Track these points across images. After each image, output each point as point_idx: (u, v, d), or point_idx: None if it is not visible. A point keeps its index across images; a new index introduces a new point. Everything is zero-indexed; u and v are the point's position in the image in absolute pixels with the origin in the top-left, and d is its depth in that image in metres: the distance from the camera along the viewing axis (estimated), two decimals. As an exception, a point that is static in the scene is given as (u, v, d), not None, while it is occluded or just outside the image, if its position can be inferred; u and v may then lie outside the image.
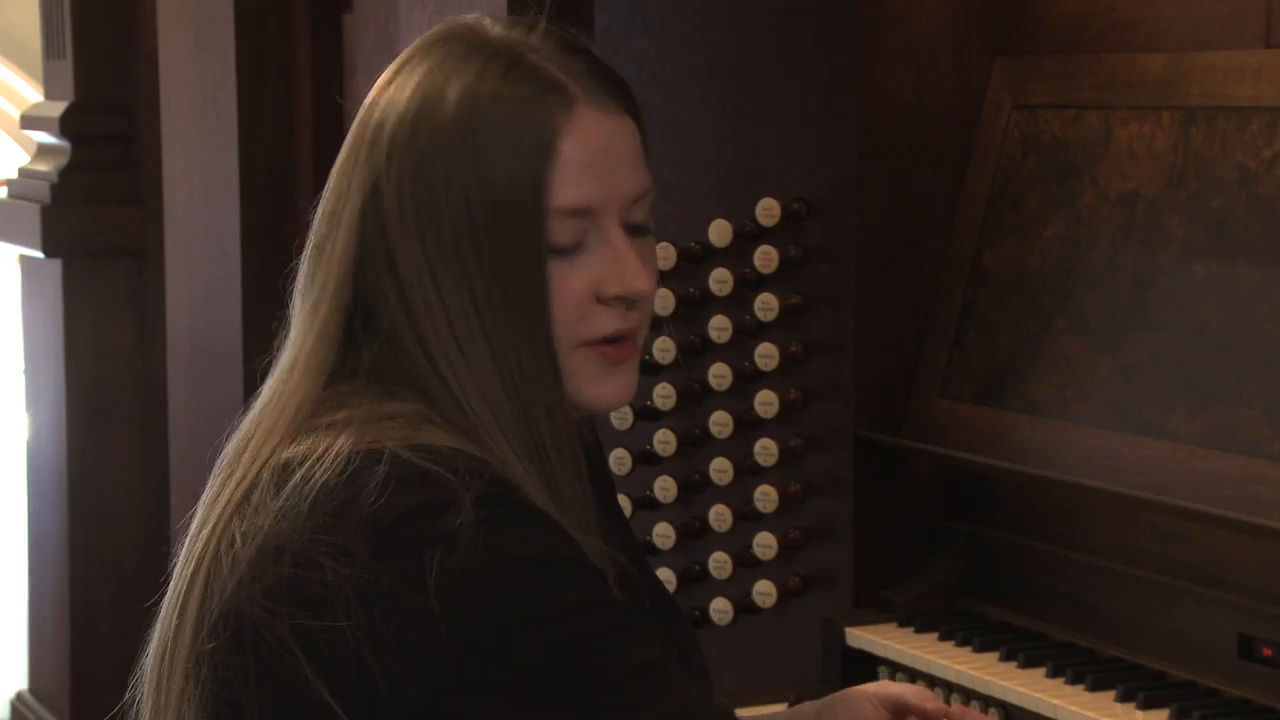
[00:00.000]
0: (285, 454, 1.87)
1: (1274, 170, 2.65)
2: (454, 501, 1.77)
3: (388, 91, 1.96)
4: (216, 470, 1.97)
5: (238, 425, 1.99)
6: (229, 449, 1.98)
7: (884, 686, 2.20)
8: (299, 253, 2.05)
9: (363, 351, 1.94)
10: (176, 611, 1.92)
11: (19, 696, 5.84)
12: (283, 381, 1.96)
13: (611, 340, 1.95)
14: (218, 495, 1.93)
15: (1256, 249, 2.64)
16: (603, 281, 1.92)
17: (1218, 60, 2.76)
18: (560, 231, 1.90)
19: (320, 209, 2.00)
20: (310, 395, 1.93)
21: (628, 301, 1.94)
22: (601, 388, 1.96)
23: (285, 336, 2.01)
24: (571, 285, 1.91)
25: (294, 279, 2.04)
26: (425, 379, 1.91)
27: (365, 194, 1.94)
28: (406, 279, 1.90)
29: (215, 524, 1.91)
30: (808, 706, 2.28)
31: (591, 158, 1.91)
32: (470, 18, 1.99)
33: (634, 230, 1.96)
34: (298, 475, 1.83)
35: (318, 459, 1.83)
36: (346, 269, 1.94)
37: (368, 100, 2.00)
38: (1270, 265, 2.62)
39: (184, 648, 1.90)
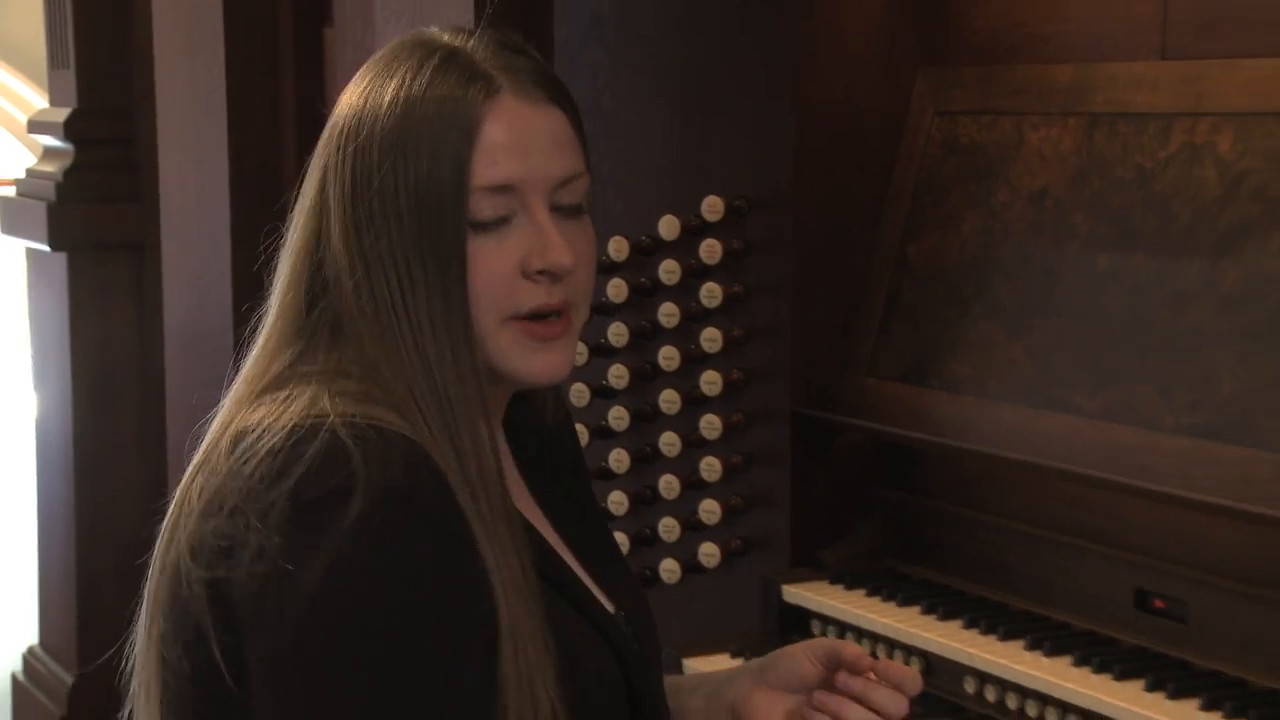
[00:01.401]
0: (244, 421, 1.87)
1: (1168, 170, 2.67)
2: (354, 489, 1.76)
3: (346, 95, 1.97)
4: (199, 441, 1.97)
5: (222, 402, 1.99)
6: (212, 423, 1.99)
7: (819, 641, 2.18)
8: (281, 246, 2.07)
9: (318, 329, 1.93)
10: (154, 565, 1.92)
11: (30, 650, 5.84)
12: (253, 358, 1.97)
13: (540, 317, 1.93)
14: (192, 462, 1.94)
15: (1152, 242, 2.67)
16: (527, 256, 1.90)
17: (1118, 71, 2.78)
18: (483, 208, 1.88)
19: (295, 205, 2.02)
20: (273, 368, 1.93)
21: (552, 276, 1.91)
22: (530, 363, 1.94)
23: (262, 319, 2.01)
24: (497, 260, 1.89)
25: (270, 272, 2.04)
26: (364, 356, 1.89)
27: (319, 185, 1.95)
28: (343, 259, 1.89)
29: (183, 486, 1.91)
30: (752, 663, 2.25)
31: (512, 140, 1.90)
32: (425, 29, 2.02)
33: (564, 212, 1.94)
34: (249, 439, 1.83)
35: (268, 426, 1.83)
36: (305, 254, 1.95)
37: (336, 105, 2.01)
38: (1165, 256, 2.64)
39: (151, 594, 1.92)
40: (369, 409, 1.84)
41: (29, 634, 6.00)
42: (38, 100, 10.55)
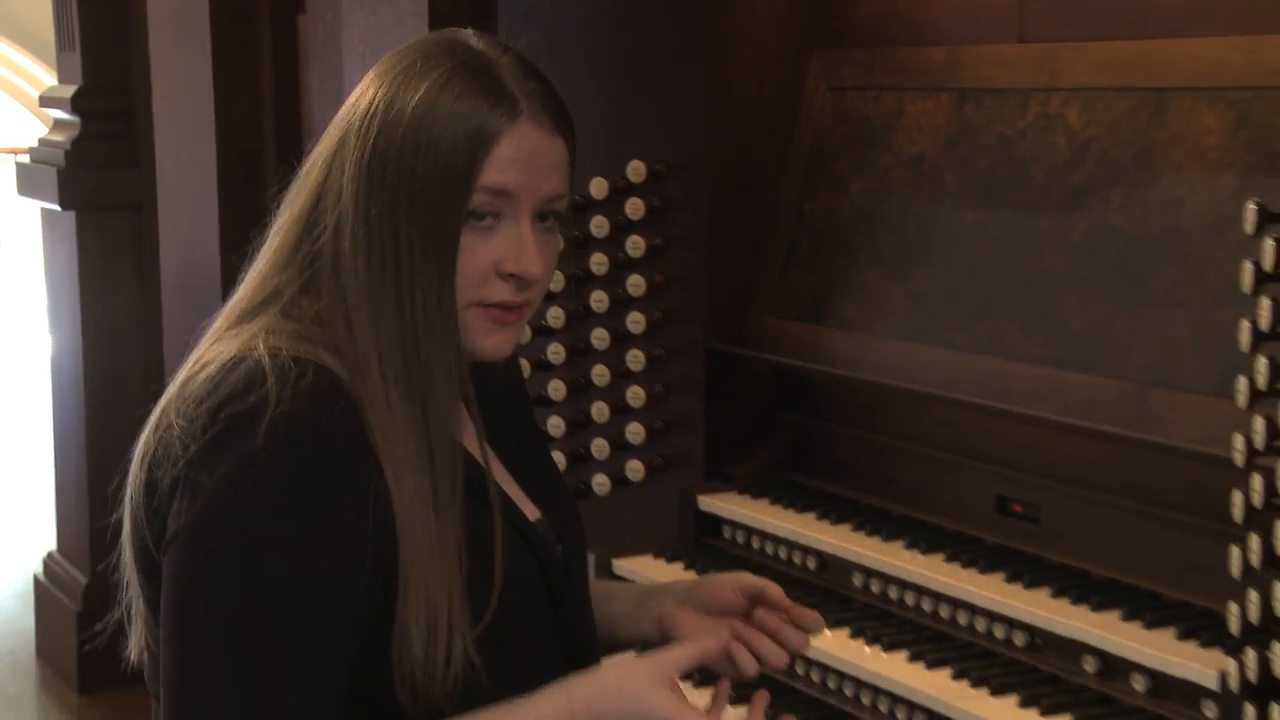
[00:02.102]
0: (203, 354, 1.88)
1: (1026, 138, 2.69)
2: (261, 415, 1.76)
3: (376, 77, 1.94)
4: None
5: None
6: None
7: (744, 576, 2.17)
8: (264, 205, 2.06)
9: (301, 269, 1.91)
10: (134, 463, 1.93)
11: (50, 555, 5.85)
12: (235, 299, 1.95)
13: (503, 307, 1.92)
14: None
15: (1012, 200, 2.69)
16: (504, 258, 1.89)
17: (983, 53, 2.79)
18: (480, 203, 1.87)
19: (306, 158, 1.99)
20: (244, 308, 1.92)
21: (520, 281, 1.91)
22: (485, 341, 1.93)
23: (248, 268, 1.99)
24: (479, 254, 1.88)
25: (259, 229, 2.01)
26: (328, 302, 1.88)
27: (335, 145, 1.92)
28: (345, 219, 1.88)
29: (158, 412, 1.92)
30: (680, 583, 2.25)
31: (521, 157, 1.88)
32: (460, 31, 2.01)
33: (544, 225, 1.93)
34: (198, 368, 1.85)
35: (216, 356, 1.84)
36: (306, 205, 1.93)
37: (360, 84, 1.98)
38: (1023, 212, 2.66)
39: (127, 504, 1.92)
40: (299, 345, 1.83)
41: (48, 541, 6.00)
42: (47, 78, 10.46)
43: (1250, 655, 2.02)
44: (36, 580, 5.88)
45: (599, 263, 3.13)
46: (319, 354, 1.84)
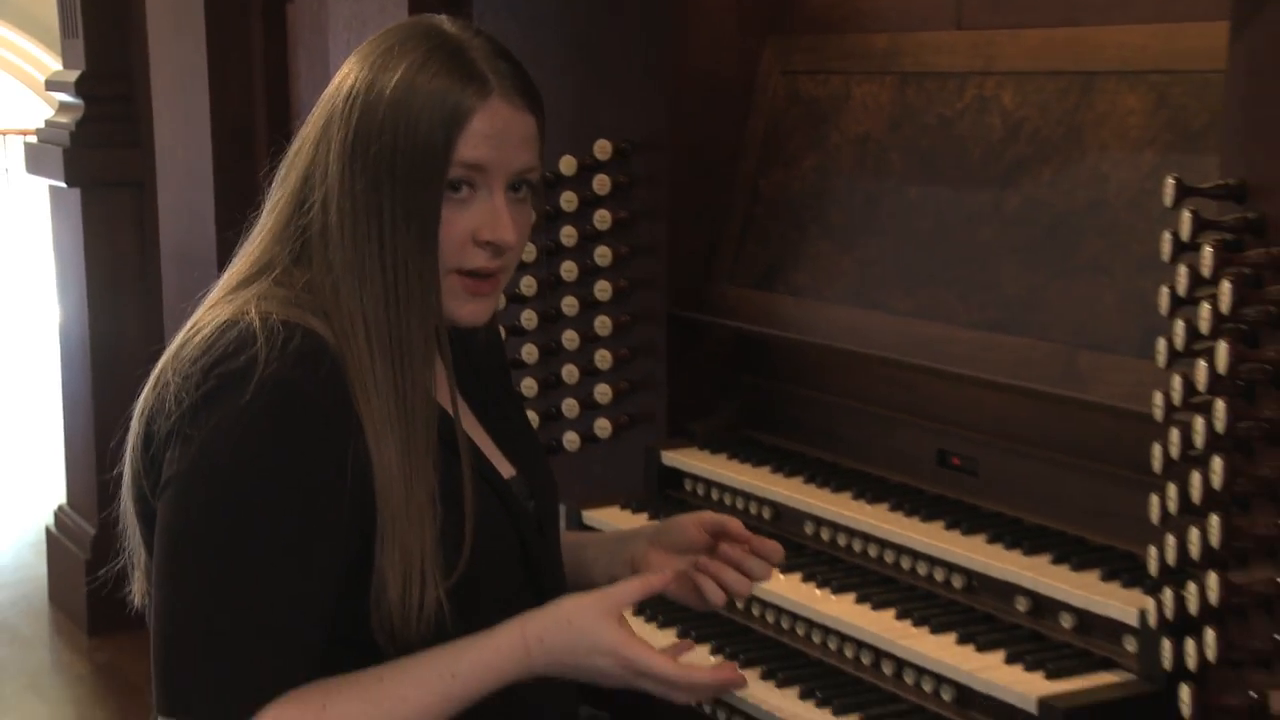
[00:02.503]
0: (203, 318, 1.89)
1: (964, 118, 2.69)
2: (250, 374, 1.78)
3: (359, 59, 1.95)
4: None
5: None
6: None
7: (706, 514, 2.20)
8: (257, 182, 2.05)
9: (291, 243, 1.93)
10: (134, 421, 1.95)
11: (60, 508, 5.85)
12: (231, 270, 1.97)
13: (479, 275, 1.95)
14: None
15: (951, 176, 2.69)
16: (480, 227, 1.92)
17: (924, 39, 2.80)
18: (456, 175, 1.89)
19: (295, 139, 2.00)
20: (243, 275, 1.94)
21: (495, 248, 1.93)
22: (462, 308, 1.95)
23: (243, 242, 2.01)
24: (456, 224, 1.91)
25: (253, 206, 2.03)
26: (319, 271, 1.89)
27: (321, 127, 1.93)
28: (331, 196, 1.89)
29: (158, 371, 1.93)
30: (647, 527, 2.29)
31: (493, 132, 1.90)
32: (434, 16, 2.00)
33: (516, 197, 1.96)
34: (194, 332, 1.86)
35: (211, 319, 1.86)
36: (296, 186, 1.94)
37: (342, 68, 1.98)
38: (961, 187, 2.67)
39: (129, 450, 1.94)
40: (289, 311, 1.84)
41: (58, 495, 5.99)
42: (52, 62, 10.39)
43: (1167, 594, 2.03)
44: (48, 531, 5.87)
45: (568, 235, 3.12)
46: (308, 319, 1.85)
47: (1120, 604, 2.19)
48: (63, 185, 5.44)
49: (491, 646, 1.89)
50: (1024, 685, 2.14)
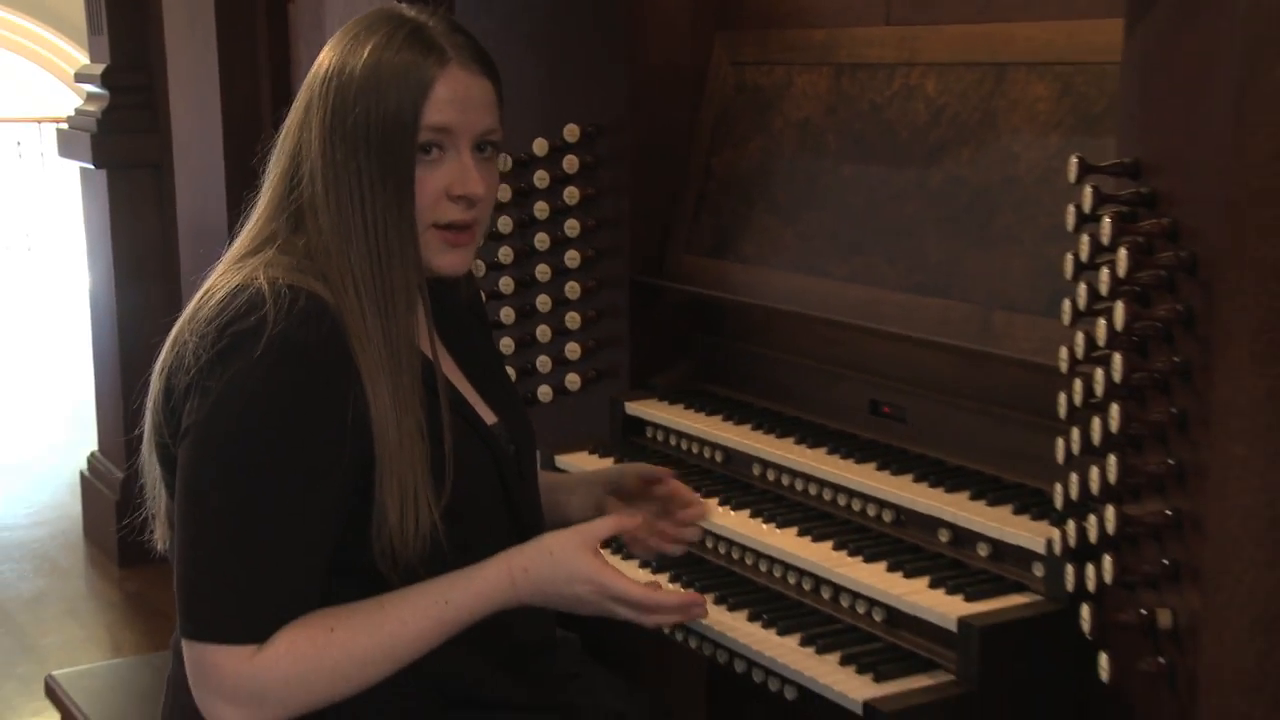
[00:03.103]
0: (215, 284, 1.89)
1: (892, 105, 2.69)
2: (261, 332, 1.78)
3: (332, 47, 1.96)
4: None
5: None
6: None
7: (644, 466, 2.28)
8: (259, 167, 2.05)
9: (289, 216, 1.93)
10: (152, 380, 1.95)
11: (93, 454, 5.82)
12: (242, 235, 1.97)
13: (455, 227, 1.95)
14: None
15: (881, 155, 2.69)
16: (451, 184, 1.93)
17: (857, 34, 2.79)
18: (426, 139, 1.90)
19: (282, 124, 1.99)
20: (248, 247, 1.94)
21: (468, 201, 1.94)
22: (442, 258, 1.96)
23: (251, 206, 2.00)
24: (430, 182, 1.92)
25: (253, 188, 2.03)
26: (314, 238, 1.89)
27: (303, 110, 1.94)
28: (316, 169, 1.89)
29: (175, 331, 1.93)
30: (605, 472, 2.34)
31: (454, 97, 1.91)
32: (394, 3, 2.01)
33: (482, 155, 1.97)
34: (207, 296, 1.87)
35: (224, 285, 1.86)
36: (286, 166, 1.94)
37: (319, 56, 1.98)
38: (890, 166, 2.66)
39: (149, 408, 1.94)
40: (294, 276, 1.85)
41: (90, 443, 5.97)
42: (79, 55, 10.30)
43: (1071, 525, 2.04)
44: (82, 475, 5.85)
45: (541, 209, 3.10)
46: (310, 283, 1.85)
47: (1030, 534, 2.20)
48: (91, 167, 5.40)
49: (481, 577, 1.91)
50: (946, 607, 2.15)
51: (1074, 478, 2.02)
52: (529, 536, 2.01)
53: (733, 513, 2.57)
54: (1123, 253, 1.88)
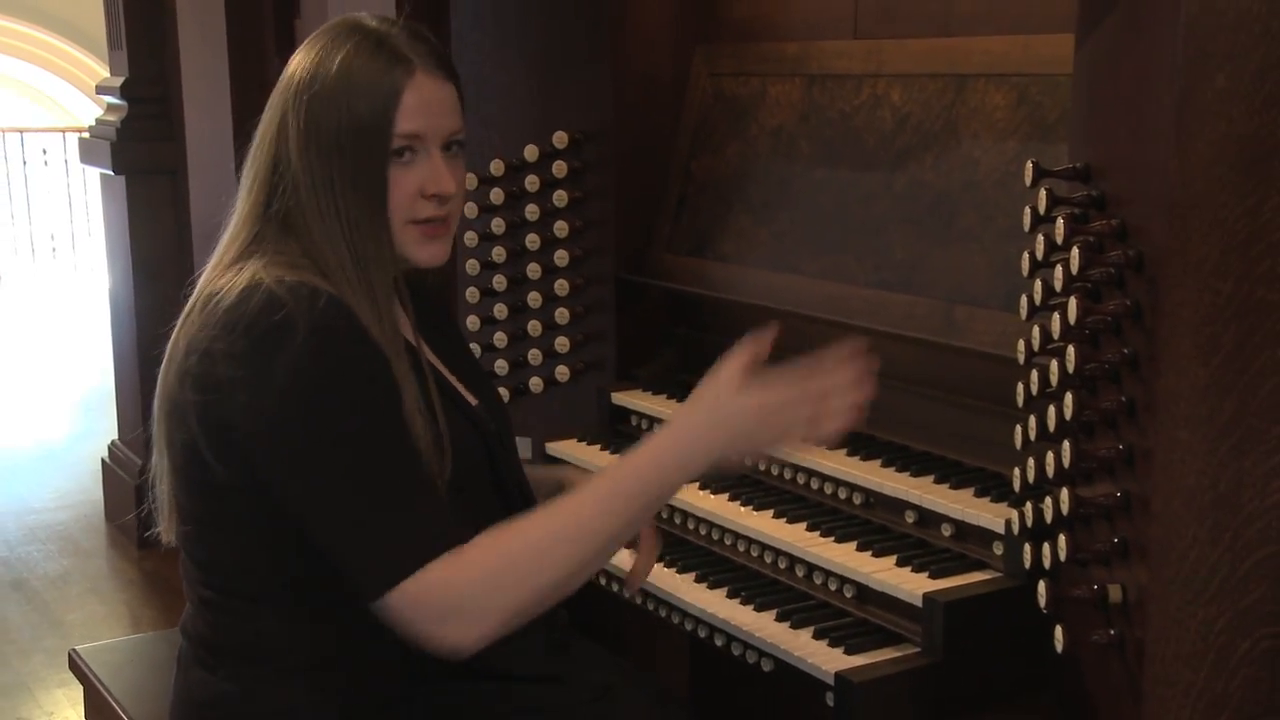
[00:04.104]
0: (212, 287, 1.87)
1: (860, 113, 2.68)
2: (296, 322, 1.76)
3: (301, 57, 1.94)
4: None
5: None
6: None
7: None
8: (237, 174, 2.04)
9: (271, 221, 1.91)
10: (159, 387, 1.92)
11: (113, 443, 5.80)
12: (223, 241, 1.95)
13: (431, 221, 1.95)
14: (184, 311, 1.93)
15: (850, 160, 2.69)
16: (424, 183, 1.92)
17: (827, 46, 2.78)
18: (398, 144, 1.89)
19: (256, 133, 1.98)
20: (236, 250, 1.91)
21: (440, 199, 1.94)
22: (423, 251, 1.96)
23: (228, 215, 1.99)
24: (404, 183, 1.91)
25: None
26: (304, 240, 1.88)
27: (278, 122, 1.92)
28: (296, 177, 1.88)
29: (178, 328, 1.91)
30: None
31: (422, 104, 1.91)
32: (358, 14, 1.99)
33: (450, 154, 1.96)
34: (213, 302, 1.83)
35: (226, 291, 1.83)
36: (264, 172, 1.92)
37: (288, 66, 1.97)
38: (858, 170, 2.66)
39: (160, 412, 1.91)
40: (295, 273, 1.83)
41: (111, 431, 5.96)
42: (101, 70, 10.26)
43: (1028, 507, 2.04)
44: (103, 461, 5.84)
45: (532, 212, 3.09)
46: (312, 278, 1.84)
47: (990, 515, 2.20)
48: (111, 173, 5.38)
49: (646, 442, 1.84)
50: (912, 584, 2.15)
51: (1031, 462, 2.02)
52: (515, 513, 2.02)
53: (712, 496, 2.57)
54: (1075, 251, 1.88)
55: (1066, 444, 1.92)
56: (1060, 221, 1.91)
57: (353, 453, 1.76)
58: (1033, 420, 2.00)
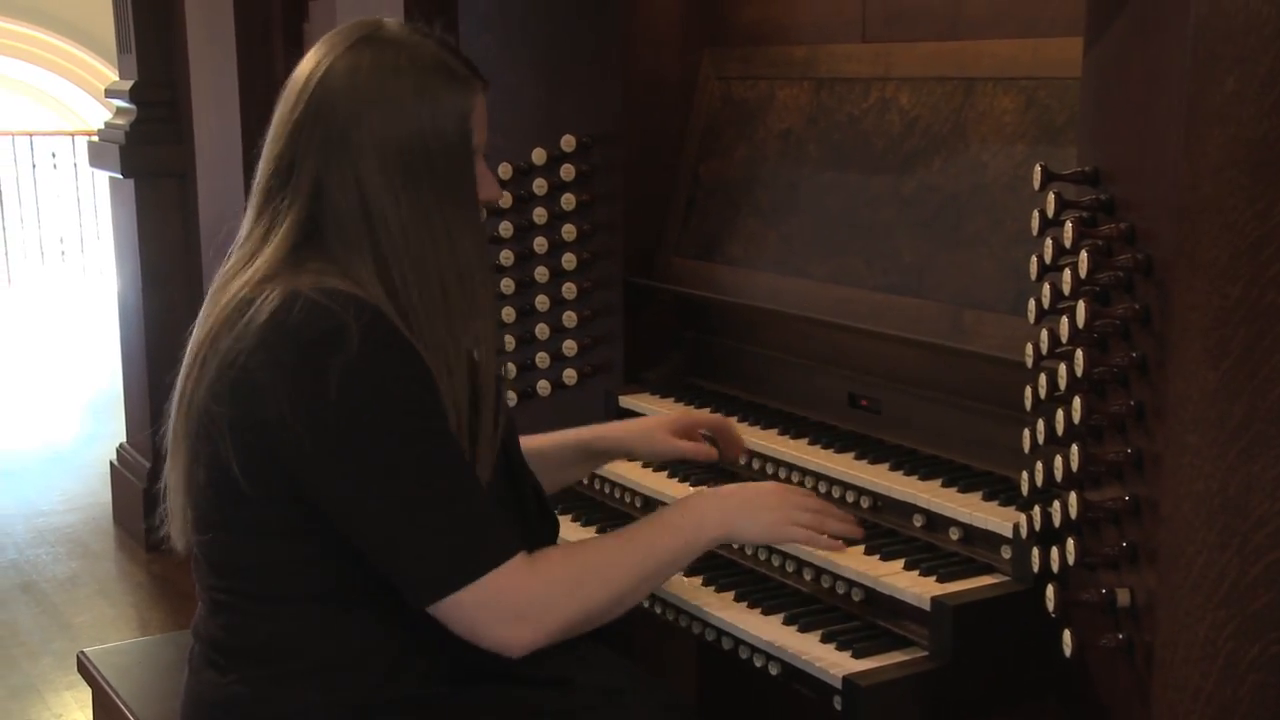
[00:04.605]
0: (240, 298, 1.85)
1: (869, 116, 2.68)
2: (349, 329, 1.75)
3: (333, 68, 1.88)
4: (205, 306, 1.94)
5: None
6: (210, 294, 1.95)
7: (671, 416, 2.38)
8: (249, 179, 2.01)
9: (310, 241, 1.88)
10: (178, 398, 1.89)
11: (121, 445, 5.80)
12: (250, 255, 1.91)
13: None
14: (204, 321, 1.91)
15: (858, 164, 2.68)
16: (480, 189, 1.96)
17: (835, 50, 2.78)
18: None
19: (269, 154, 1.93)
20: (273, 264, 1.88)
21: (489, 205, 2.01)
22: None
23: (238, 227, 1.97)
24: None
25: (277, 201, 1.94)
26: (357, 261, 1.85)
27: (331, 143, 1.86)
28: (373, 201, 1.85)
29: (201, 339, 1.88)
30: (618, 437, 2.46)
31: (481, 118, 1.94)
32: (376, 19, 1.96)
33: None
34: (251, 309, 1.81)
35: (264, 298, 1.81)
36: (310, 193, 1.88)
37: (306, 76, 1.91)
38: (866, 174, 2.66)
39: (181, 424, 1.89)
40: (327, 281, 1.82)
41: (120, 435, 5.96)
42: (111, 73, 10.28)
43: (1036, 511, 2.04)
44: (112, 465, 5.84)
45: (540, 215, 3.09)
46: (343, 284, 1.83)
47: (998, 519, 2.20)
48: (120, 176, 5.38)
49: (673, 513, 2.04)
50: (920, 587, 2.15)
51: (1039, 466, 2.02)
52: (528, 513, 2.04)
53: (720, 499, 2.56)
54: (1083, 255, 1.88)
55: (1075, 448, 1.91)
56: (1069, 225, 1.91)
57: (414, 455, 1.78)
58: (1041, 424, 2.00)
